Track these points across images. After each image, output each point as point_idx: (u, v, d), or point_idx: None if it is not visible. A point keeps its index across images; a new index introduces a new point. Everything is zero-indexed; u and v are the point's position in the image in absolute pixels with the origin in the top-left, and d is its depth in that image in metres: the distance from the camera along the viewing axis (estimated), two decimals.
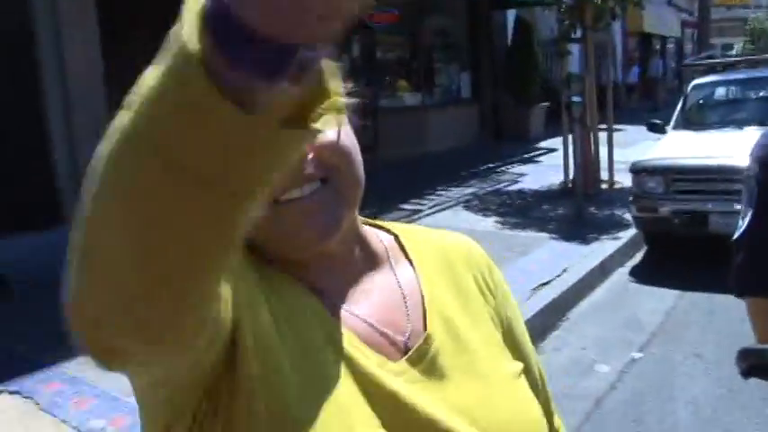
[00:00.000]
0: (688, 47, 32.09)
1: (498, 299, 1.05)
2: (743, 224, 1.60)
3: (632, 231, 7.66)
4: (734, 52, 25.35)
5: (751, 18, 31.37)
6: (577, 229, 8.03)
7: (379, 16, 13.82)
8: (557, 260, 6.87)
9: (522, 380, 0.98)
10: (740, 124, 7.63)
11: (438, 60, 16.22)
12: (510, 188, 10.88)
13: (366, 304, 0.91)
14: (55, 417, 3.97)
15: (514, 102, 16.32)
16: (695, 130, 7.93)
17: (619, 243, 7.45)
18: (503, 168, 12.67)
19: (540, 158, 13.85)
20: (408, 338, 0.90)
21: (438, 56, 16.22)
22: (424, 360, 0.89)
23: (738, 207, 5.43)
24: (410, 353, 0.89)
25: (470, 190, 10.68)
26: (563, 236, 7.77)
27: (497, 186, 10.99)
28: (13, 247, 7.08)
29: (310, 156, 0.83)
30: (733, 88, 8.71)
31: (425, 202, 9.68)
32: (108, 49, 8.18)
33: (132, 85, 0.51)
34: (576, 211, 8.44)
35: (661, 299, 6.20)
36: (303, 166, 0.82)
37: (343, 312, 0.89)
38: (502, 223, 8.49)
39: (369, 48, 15.08)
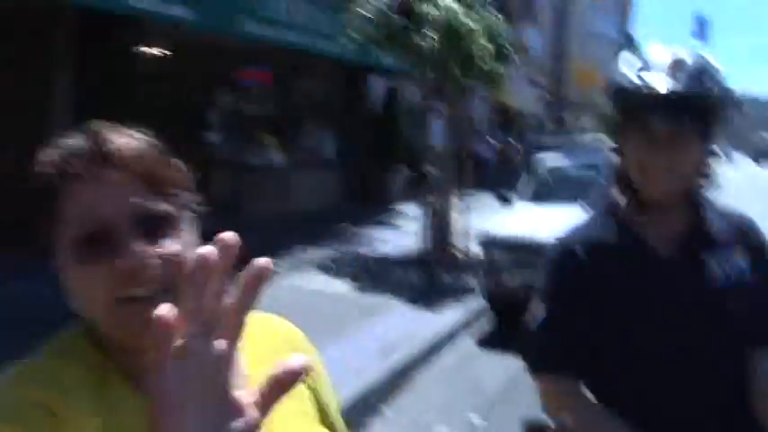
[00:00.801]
0: (546, 122, 33.99)
1: (312, 375, 1.17)
2: (539, 315, 1.79)
3: (480, 299, 7.97)
4: (585, 130, 27.18)
5: (599, 103, 33.74)
6: (428, 295, 8.28)
7: (252, 74, 13.94)
8: (406, 325, 7.05)
9: None
10: (579, 200, 8.12)
11: (306, 122, 16.44)
12: (366, 251, 11.08)
13: None
14: None
15: (378, 167, 16.72)
16: (540, 203, 8.39)
17: (467, 311, 7.74)
18: (362, 232, 12.88)
19: (400, 223, 14.18)
20: None
21: (307, 117, 16.45)
22: None
23: None
24: None
25: (328, 252, 10.78)
26: (414, 302, 7.98)
27: (355, 250, 11.16)
28: None
29: (156, 263, 0.91)
30: (576, 168, 9.29)
31: (283, 262, 9.70)
32: None
33: None
34: (427, 277, 8.70)
35: (504, 366, 6.45)
36: (149, 271, 0.91)
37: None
38: (355, 287, 8.64)
39: (238, 103, 15.14)
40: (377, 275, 9.31)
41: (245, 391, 0.65)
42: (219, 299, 0.62)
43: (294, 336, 1.22)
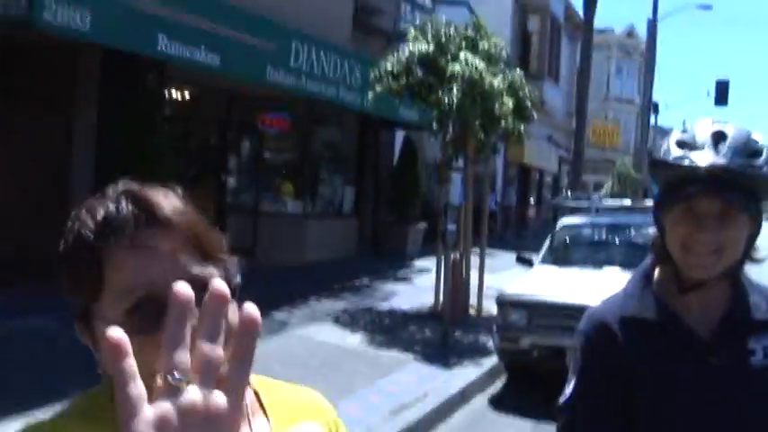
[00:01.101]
0: (564, 180, 33.98)
1: None
2: (566, 390, 1.69)
3: (495, 359, 7.84)
4: (603, 191, 27.07)
5: (618, 164, 33.81)
6: (442, 353, 8.15)
7: (271, 120, 14.03)
8: (418, 383, 6.92)
9: None
10: (600, 264, 8.07)
11: (324, 171, 16.49)
12: (381, 306, 10.97)
13: None
14: None
15: (394, 219, 16.69)
16: (560, 266, 8.32)
17: (481, 370, 7.61)
18: (376, 285, 12.79)
19: (414, 277, 14.09)
20: None
21: (324, 166, 16.50)
22: None
23: None
24: None
25: (342, 304, 10.70)
26: (427, 359, 7.86)
27: (369, 302, 11.06)
28: None
29: None
30: (597, 230, 9.25)
31: (297, 311, 9.63)
32: None
33: (8, 158, 0.61)
34: (441, 335, 8.58)
35: (516, 428, 6.32)
36: None
37: None
38: (368, 341, 8.52)
39: (257, 149, 15.24)
40: (390, 330, 9.19)
41: None
42: (214, 342, 0.57)
43: (319, 405, 1.17)
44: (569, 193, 15.84)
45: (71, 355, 6.70)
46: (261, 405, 1.07)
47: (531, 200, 31.01)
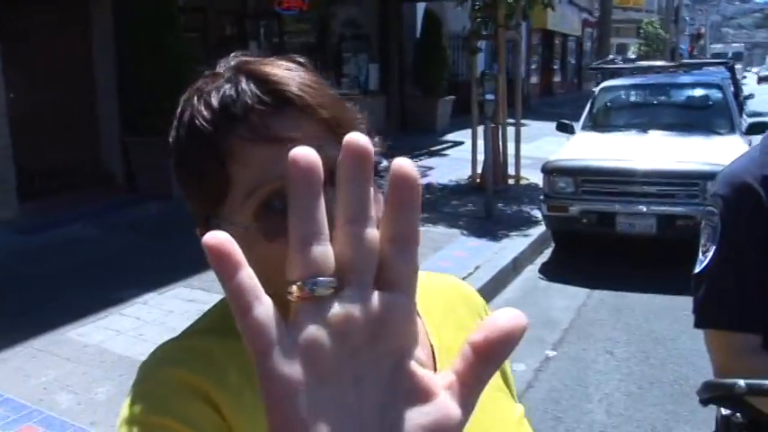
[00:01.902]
0: (587, 45, 33.15)
1: None
2: (704, 259, 1.63)
3: (541, 228, 7.84)
4: (630, 53, 26.31)
5: (645, 22, 32.77)
6: (488, 225, 8.15)
7: (288, 2, 13.64)
8: (469, 257, 6.95)
9: (526, 423, 0.97)
10: (645, 128, 7.93)
11: (346, 50, 16.16)
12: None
13: None
14: None
15: (421, 94, 16.44)
16: (602, 131, 8.17)
17: (529, 240, 7.61)
18: (413, 159, 12.72)
19: (447, 152, 14.00)
20: None
21: (346, 46, 16.15)
22: None
23: (642, 209, 5.67)
24: None
25: (378, 181, 10.67)
26: (474, 232, 7.87)
27: None
28: None
29: None
30: (638, 92, 9.03)
31: None
32: (7, 34, 7.82)
33: (32, 67, 0.48)
34: (485, 207, 8.56)
35: (571, 296, 6.37)
36: None
37: None
38: None
39: (276, 34, 14.90)
40: (432, 205, 9.18)
41: (431, 373, 0.41)
42: (364, 221, 0.38)
43: (466, 291, 1.08)
44: (616, 58, 15.31)
45: (117, 261, 6.83)
46: None
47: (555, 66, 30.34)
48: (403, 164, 0.39)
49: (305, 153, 0.38)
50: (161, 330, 5.07)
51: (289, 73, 0.78)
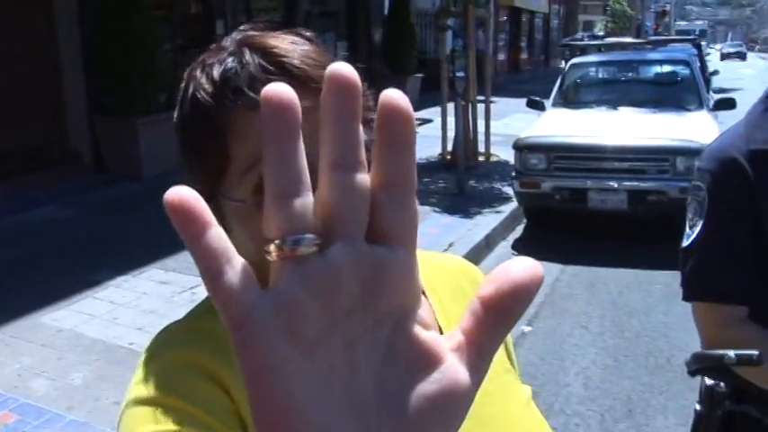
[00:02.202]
0: (554, 22, 33.25)
1: None
2: (692, 233, 1.65)
3: (513, 205, 7.89)
4: (597, 30, 26.44)
5: (612, 0, 32.98)
6: (460, 202, 8.18)
7: None
8: (442, 234, 6.98)
9: (534, 406, 0.96)
10: (615, 104, 7.99)
11: (314, 28, 15.90)
12: None
13: None
14: None
15: (390, 72, 16.38)
16: (572, 108, 8.22)
17: (501, 216, 7.65)
18: None
19: (417, 129, 13.95)
20: None
21: (314, 24, 16.02)
22: None
23: (614, 185, 5.71)
24: None
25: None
26: (446, 209, 7.89)
27: None
28: None
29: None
30: (608, 69, 9.08)
31: None
32: None
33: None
34: (457, 183, 8.58)
35: (545, 272, 6.37)
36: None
37: None
38: None
39: (243, 11, 14.73)
40: None
41: (436, 334, 0.36)
42: (353, 166, 0.33)
43: (467, 266, 1.07)
44: (584, 36, 15.37)
45: (88, 243, 6.73)
46: None
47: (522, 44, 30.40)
48: (393, 95, 0.34)
49: (277, 89, 0.33)
50: (135, 313, 5.03)
51: (292, 46, 0.78)
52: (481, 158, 10.61)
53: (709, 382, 1.72)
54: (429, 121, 13.93)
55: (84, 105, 9.39)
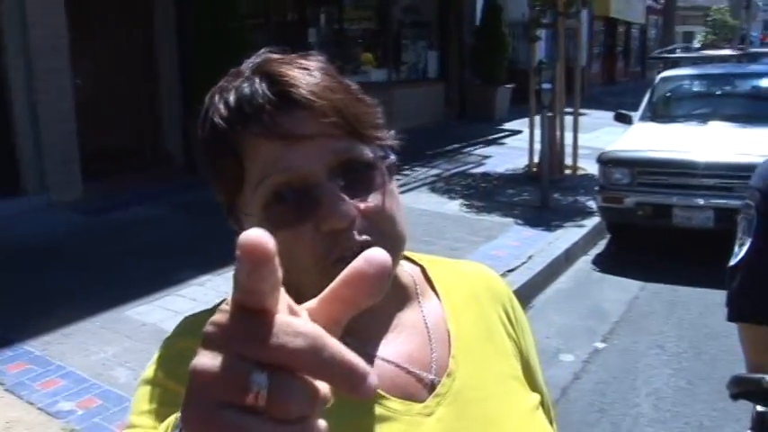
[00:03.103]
0: (651, 33, 32.43)
1: (518, 332, 1.06)
2: (740, 252, 1.63)
3: (596, 219, 7.77)
4: (696, 42, 25.57)
5: (713, 9, 31.83)
6: (543, 215, 8.12)
7: None
8: (522, 246, 6.94)
9: (540, 412, 0.99)
10: (705, 119, 7.78)
11: (406, 37, 16.15)
12: (475, 170, 10.93)
13: (393, 344, 0.92)
14: (21, 398, 3.92)
15: (481, 82, 16.35)
16: (661, 122, 8.04)
17: (583, 231, 7.55)
18: (468, 149, 12.71)
19: (505, 140, 13.91)
20: (435, 375, 0.92)
21: (406, 33, 16.15)
22: (449, 397, 0.90)
23: (700, 202, 5.53)
24: (436, 390, 0.90)
25: (436, 171, 10.70)
26: (528, 221, 7.85)
27: (462, 168, 11.03)
28: None
29: (359, 219, 0.81)
30: (700, 82, 8.84)
31: None
32: (74, 20, 8.05)
33: (96, 57, 0.51)
34: (541, 196, 8.51)
35: (624, 288, 6.32)
36: (356, 228, 0.81)
37: (368, 356, 0.89)
38: (468, 206, 8.54)
39: (336, 20, 14.97)
40: (488, 194, 9.18)
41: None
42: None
43: (491, 279, 1.10)
44: (677, 47, 14.93)
45: (175, 243, 6.98)
46: (429, 281, 1.02)
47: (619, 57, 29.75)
48: (378, 256, 0.46)
49: (251, 239, 0.41)
50: None
51: (301, 73, 0.82)
52: (568, 171, 10.48)
53: (760, 408, 1.70)
54: (518, 132, 13.86)
55: (179, 111, 9.75)
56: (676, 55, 10.60)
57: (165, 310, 5.21)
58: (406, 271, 1.01)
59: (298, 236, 0.80)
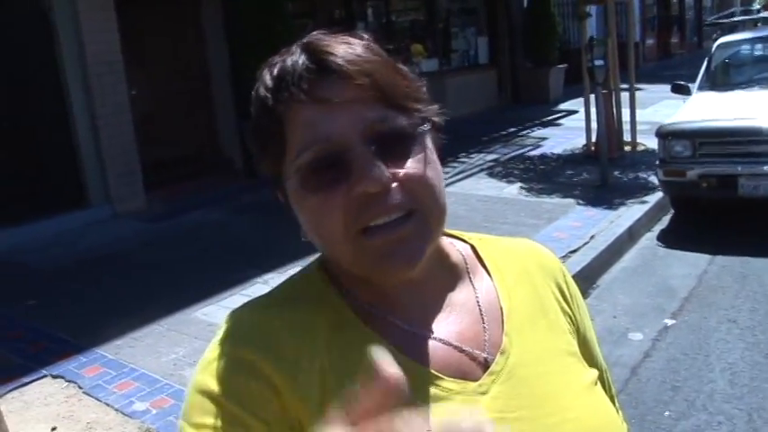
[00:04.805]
0: (707, 1, 31.53)
1: (573, 307, 1.04)
2: None
3: (658, 195, 7.62)
4: (756, 6, 24.73)
5: None
6: (603, 193, 7.99)
7: None
8: (584, 226, 6.84)
9: (598, 387, 0.97)
10: (767, 84, 7.53)
11: (454, 25, 16.05)
12: (532, 153, 10.81)
13: (445, 323, 0.92)
14: (98, 400, 4.04)
15: (532, 65, 16.15)
16: (721, 90, 7.83)
17: (646, 207, 7.41)
18: (524, 133, 12.58)
19: (561, 121, 13.73)
20: (488, 353, 0.91)
21: (454, 20, 16.05)
22: (503, 375, 0.90)
23: (767, 169, 5.33)
24: (490, 368, 0.89)
25: (493, 156, 10.62)
26: (589, 201, 7.73)
27: (519, 151, 10.92)
28: (37, 232, 7.24)
29: (395, 185, 0.82)
30: (758, 47, 8.57)
31: (448, 169, 9.64)
32: (127, 34, 8.22)
33: (150, 63, 0.53)
34: (600, 175, 8.37)
35: (691, 264, 6.17)
36: (390, 195, 0.82)
37: (421, 337, 0.89)
38: (527, 189, 8.46)
39: (383, 12, 14.96)
40: (547, 176, 9.07)
41: None
42: None
43: (543, 254, 1.09)
44: (734, 11, 14.44)
45: (238, 244, 7.08)
46: (480, 260, 1.01)
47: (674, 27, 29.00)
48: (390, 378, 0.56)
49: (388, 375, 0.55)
50: None
51: (341, 46, 0.85)
52: (627, 148, 10.27)
53: None
54: (574, 112, 13.67)
55: (233, 115, 9.89)
56: (733, 19, 10.23)
57: (231, 310, 5.29)
58: (456, 249, 1.01)
59: (330, 199, 0.82)
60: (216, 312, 5.26)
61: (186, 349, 4.66)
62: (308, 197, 0.84)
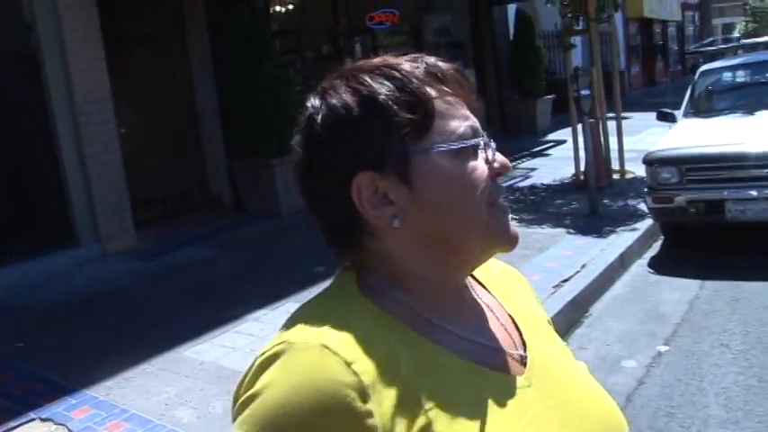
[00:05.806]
0: (689, 29, 31.96)
1: (546, 314, 1.17)
2: None
3: (648, 222, 7.65)
4: (736, 32, 25.00)
5: None
6: (593, 222, 8.01)
7: (380, 17, 13.80)
8: (575, 256, 6.85)
9: (592, 377, 1.07)
10: (751, 109, 7.62)
11: (441, 58, 16.18)
12: (522, 184, 10.86)
13: (483, 329, 1.00)
14: None
15: (519, 96, 16.29)
16: (705, 117, 7.90)
17: (636, 234, 7.43)
18: (513, 164, 12.54)
19: (550, 152, 13.82)
20: (522, 351, 1.00)
21: (441, 54, 16.05)
22: (535, 369, 0.98)
23: (753, 194, 5.37)
24: (528, 365, 0.98)
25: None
26: (579, 230, 7.75)
27: (509, 182, 10.96)
28: (26, 272, 7.20)
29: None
30: (740, 73, 8.67)
31: None
32: (114, 68, 8.24)
33: (138, 100, 0.52)
34: (590, 204, 8.41)
35: (682, 289, 6.18)
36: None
37: (479, 344, 0.96)
38: (517, 220, 8.47)
39: (371, 48, 15.09)
40: (537, 206, 9.10)
41: None
42: None
43: (517, 273, 1.21)
44: (715, 39, 14.67)
45: (229, 281, 7.04)
46: (472, 276, 1.08)
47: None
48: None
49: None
50: None
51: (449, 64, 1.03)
52: (616, 176, 10.35)
53: None
54: (563, 142, 13.76)
55: (222, 150, 9.91)
56: (714, 47, 10.38)
57: (223, 348, 5.26)
58: None
59: (478, 166, 0.94)
60: (208, 350, 5.22)
61: (178, 389, 4.61)
62: (461, 163, 0.93)
